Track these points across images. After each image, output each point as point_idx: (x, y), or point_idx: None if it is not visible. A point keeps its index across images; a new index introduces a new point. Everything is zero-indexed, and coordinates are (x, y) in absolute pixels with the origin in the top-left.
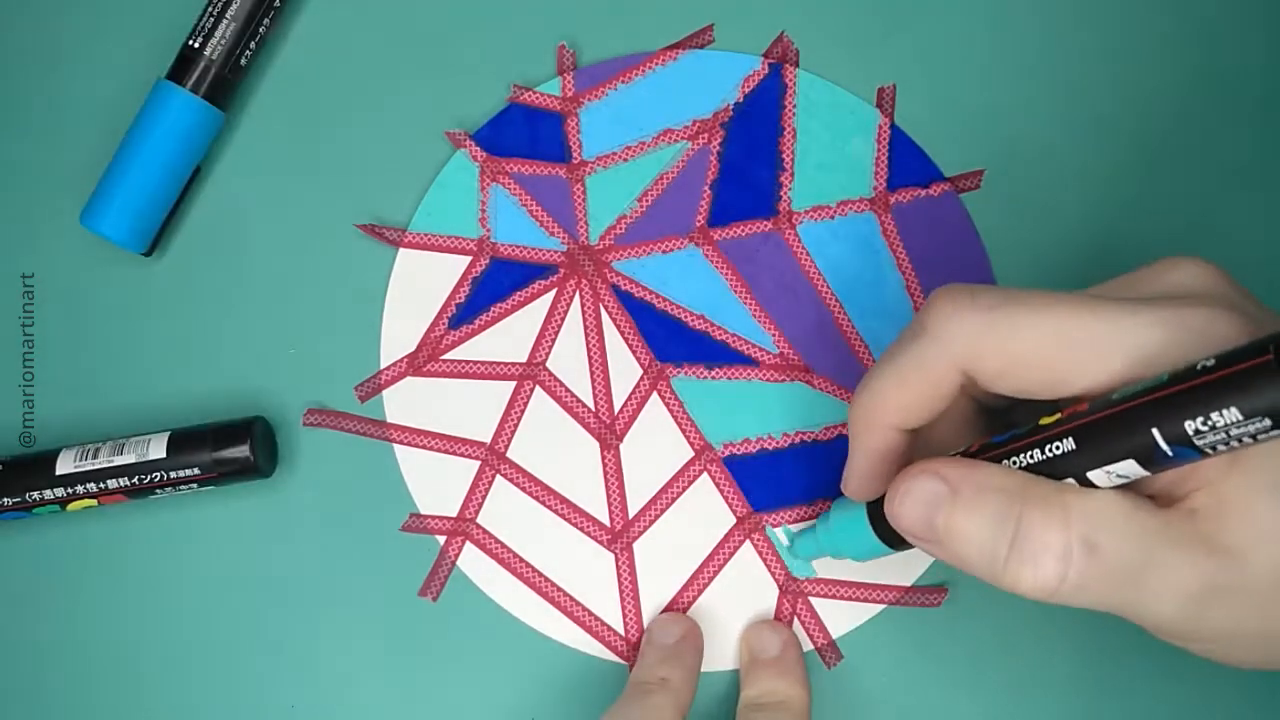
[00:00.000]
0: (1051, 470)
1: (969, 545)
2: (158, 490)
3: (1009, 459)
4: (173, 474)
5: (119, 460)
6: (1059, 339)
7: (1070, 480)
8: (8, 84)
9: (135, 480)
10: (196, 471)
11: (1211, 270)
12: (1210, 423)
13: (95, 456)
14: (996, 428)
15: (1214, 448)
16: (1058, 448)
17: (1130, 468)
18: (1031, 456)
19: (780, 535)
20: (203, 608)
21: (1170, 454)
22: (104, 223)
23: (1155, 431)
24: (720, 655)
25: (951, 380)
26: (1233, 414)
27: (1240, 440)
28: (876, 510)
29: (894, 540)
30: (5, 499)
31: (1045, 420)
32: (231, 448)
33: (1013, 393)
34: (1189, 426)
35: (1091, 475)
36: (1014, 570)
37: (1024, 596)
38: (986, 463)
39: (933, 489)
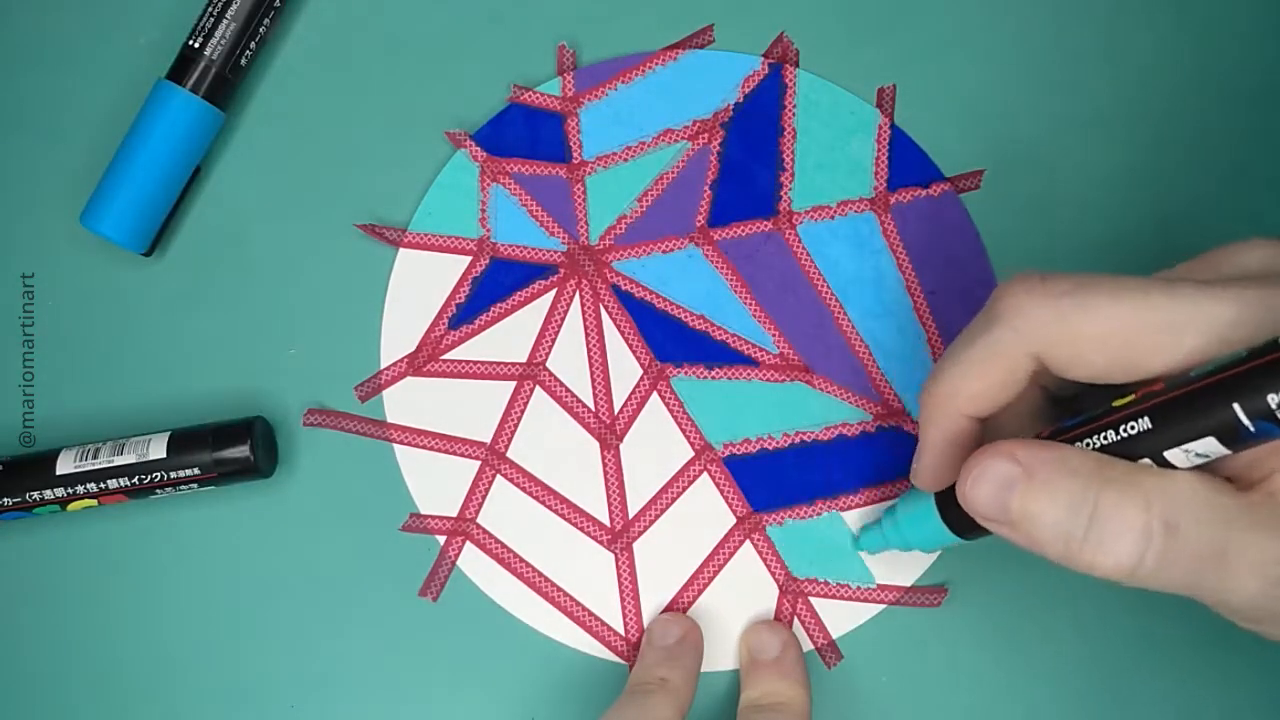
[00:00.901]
0: (1127, 451)
1: (1044, 528)
2: (158, 490)
3: (1083, 441)
4: (173, 474)
5: (119, 460)
6: (1135, 322)
7: (1147, 461)
8: (8, 84)
9: (135, 480)
10: (196, 471)
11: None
12: None
13: (95, 457)
14: (1064, 416)
15: None
16: (1133, 427)
17: (1210, 445)
18: (1106, 437)
19: (792, 528)
20: (203, 607)
21: (1253, 429)
22: (104, 223)
23: (1236, 406)
24: (720, 655)
25: (1025, 367)
26: None
27: None
28: (945, 499)
29: (965, 528)
30: (5, 499)
31: (1119, 401)
32: (231, 448)
33: (1087, 378)
34: (1272, 400)
35: (1169, 455)
36: (1091, 552)
37: (1101, 577)
38: (1061, 444)
39: (1007, 470)
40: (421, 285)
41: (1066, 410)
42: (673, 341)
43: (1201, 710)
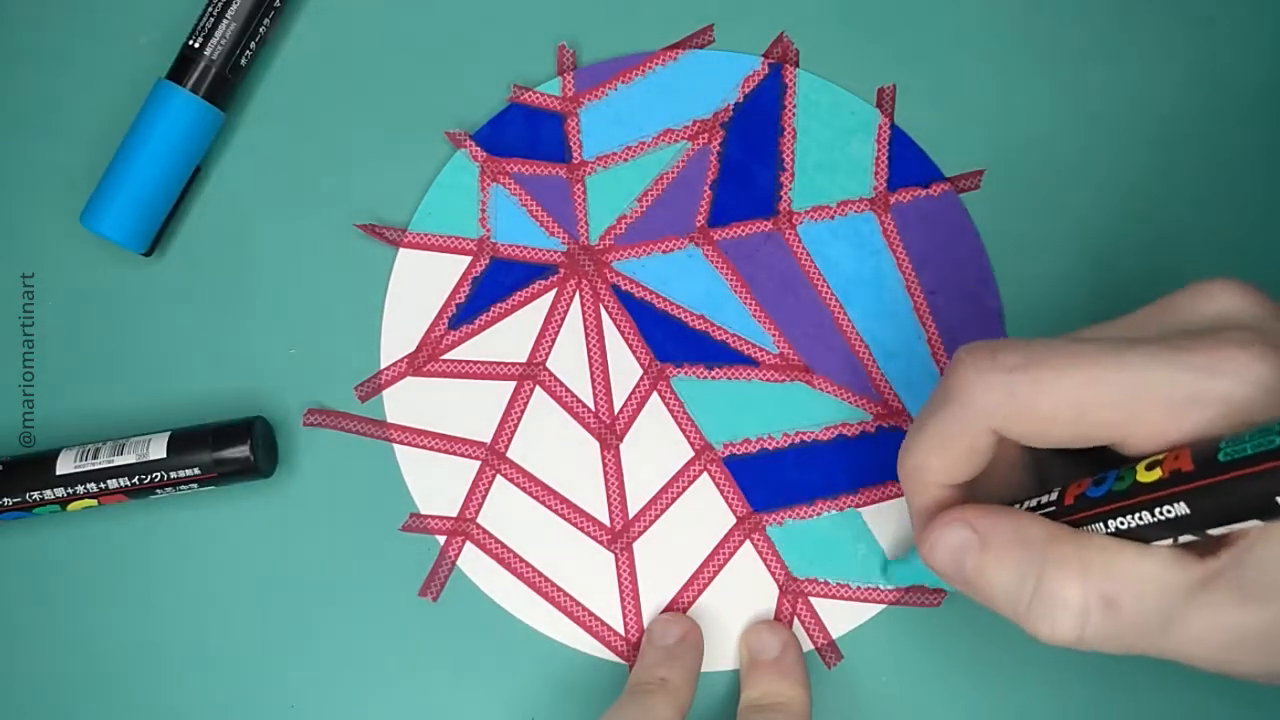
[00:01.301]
0: (1161, 534)
1: (996, 592)
2: (158, 490)
3: (1114, 519)
4: (173, 474)
5: (119, 460)
6: (1085, 396)
7: (1107, 528)
8: (8, 84)
9: (135, 480)
10: (197, 471)
11: (1243, 294)
12: None
13: (95, 457)
14: (1052, 464)
15: None
16: (1169, 511)
17: (1250, 524)
18: (1140, 519)
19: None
20: (202, 607)
21: None
22: (104, 223)
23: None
24: (720, 655)
25: (985, 440)
26: None
27: None
28: None
29: None
30: (6, 499)
31: (1145, 478)
32: (231, 448)
33: (1050, 445)
34: None
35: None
36: (1034, 621)
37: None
38: (1016, 512)
39: (962, 537)
40: (421, 285)
41: (1052, 461)
42: (673, 341)
43: (1201, 710)
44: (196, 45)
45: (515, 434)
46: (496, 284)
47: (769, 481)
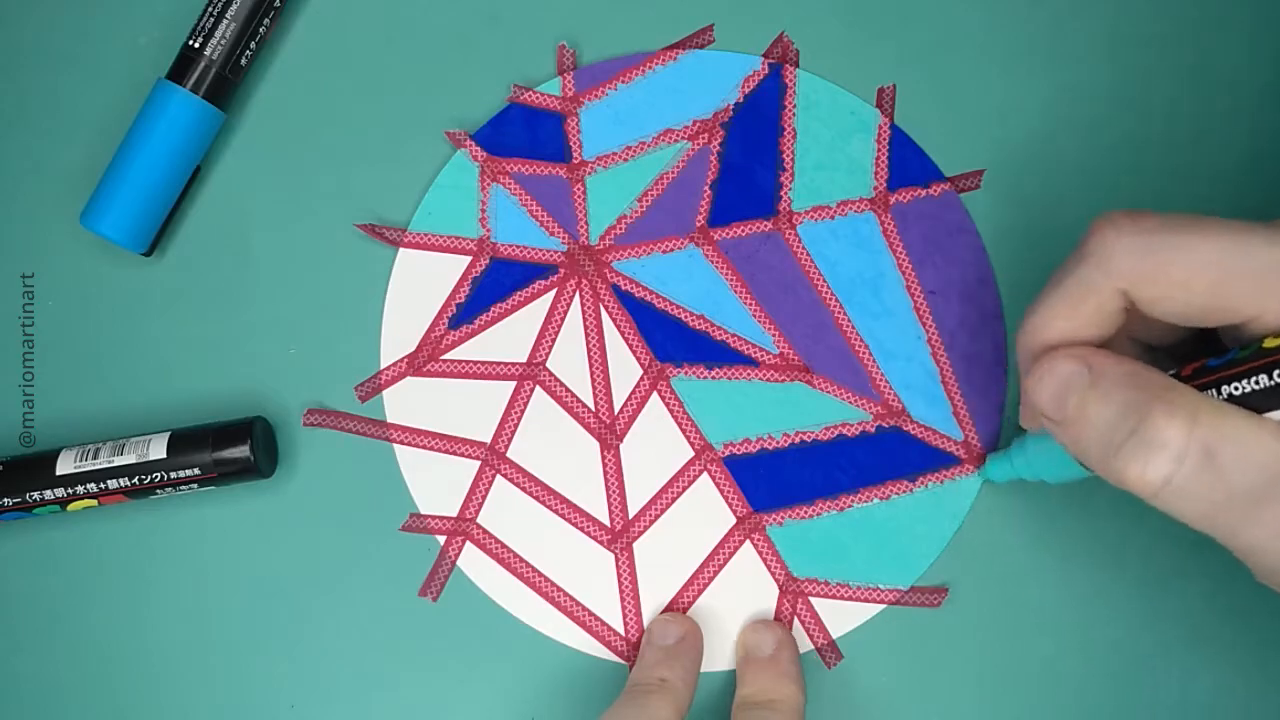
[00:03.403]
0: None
1: (1092, 429)
2: (158, 490)
3: (1231, 384)
4: (173, 474)
5: (119, 460)
6: (1225, 264)
7: (1224, 396)
8: (8, 84)
9: (135, 480)
10: (197, 472)
11: None
12: None
13: (95, 457)
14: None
15: None
16: None
17: None
18: (1258, 382)
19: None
20: (202, 607)
21: None
22: (104, 223)
23: None
24: (720, 655)
25: (1113, 304)
26: None
27: None
28: None
29: None
30: (6, 499)
31: (1271, 343)
32: (231, 448)
33: (1178, 319)
34: None
35: None
36: (1125, 460)
37: (1129, 490)
38: (1138, 362)
39: (1074, 371)
40: (421, 285)
41: (1169, 365)
42: (673, 341)
43: (1201, 711)
44: (197, 45)
45: (515, 434)
46: (496, 284)
47: (769, 481)
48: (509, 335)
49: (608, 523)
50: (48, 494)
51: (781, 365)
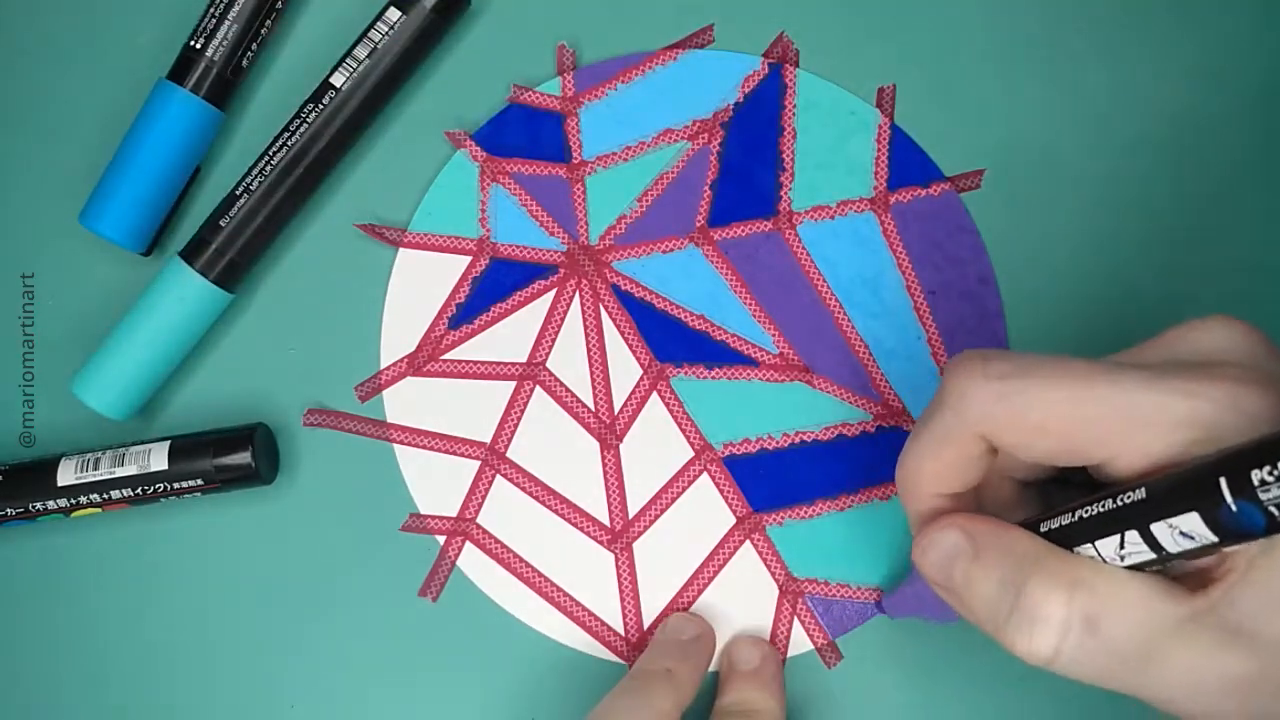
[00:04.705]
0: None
1: (978, 602)
2: (160, 499)
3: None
4: (174, 484)
5: (120, 472)
6: (1075, 412)
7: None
8: (8, 84)
9: (137, 491)
10: (199, 481)
11: (1242, 332)
12: (1276, 472)
13: (96, 467)
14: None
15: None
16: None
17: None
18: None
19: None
20: (203, 606)
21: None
22: (104, 222)
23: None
24: (719, 655)
25: (977, 449)
26: None
27: None
28: None
29: None
30: (9, 509)
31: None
32: (233, 455)
33: (1043, 460)
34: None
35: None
36: (1011, 633)
37: (1022, 661)
38: (1014, 527)
39: (955, 542)
40: (421, 285)
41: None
42: (673, 341)
43: None
44: (198, 46)
45: (515, 434)
46: (496, 284)
47: (769, 481)
48: (509, 335)
49: (608, 523)
50: (50, 504)
51: (781, 365)
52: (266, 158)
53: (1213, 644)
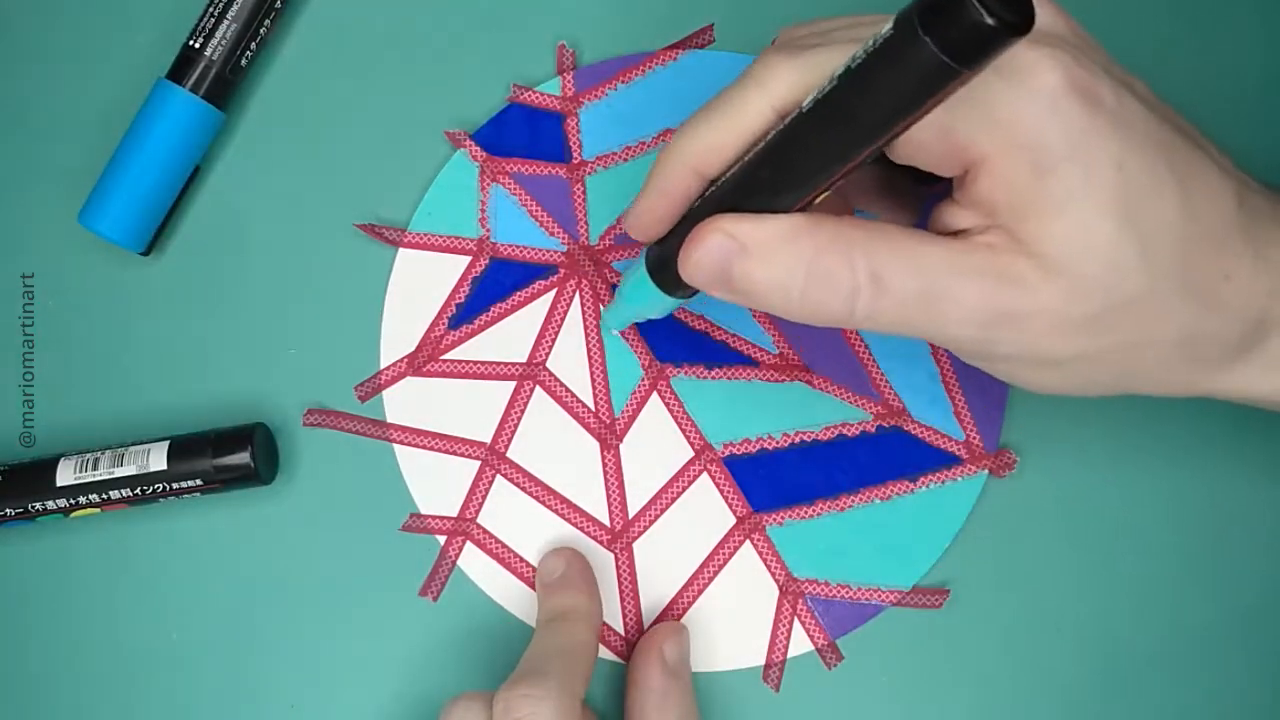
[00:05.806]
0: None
1: (766, 289)
2: (159, 499)
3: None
4: (174, 485)
5: (119, 472)
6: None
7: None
8: (8, 84)
9: (137, 491)
10: (198, 481)
11: (1054, 14)
12: None
13: (95, 467)
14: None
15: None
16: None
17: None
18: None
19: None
20: (203, 607)
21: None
22: (103, 222)
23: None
24: (719, 656)
25: (764, 123)
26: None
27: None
28: (653, 263)
29: (673, 287)
30: (8, 509)
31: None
32: (232, 455)
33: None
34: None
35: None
36: (809, 306)
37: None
38: (770, 215)
39: (721, 243)
40: (421, 285)
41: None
42: (673, 341)
43: (1201, 711)
44: (197, 45)
45: (515, 434)
46: (496, 284)
47: (769, 481)
48: (509, 335)
49: (608, 523)
50: (49, 504)
51: (781, 365)
52: None
53: (984, 279)
